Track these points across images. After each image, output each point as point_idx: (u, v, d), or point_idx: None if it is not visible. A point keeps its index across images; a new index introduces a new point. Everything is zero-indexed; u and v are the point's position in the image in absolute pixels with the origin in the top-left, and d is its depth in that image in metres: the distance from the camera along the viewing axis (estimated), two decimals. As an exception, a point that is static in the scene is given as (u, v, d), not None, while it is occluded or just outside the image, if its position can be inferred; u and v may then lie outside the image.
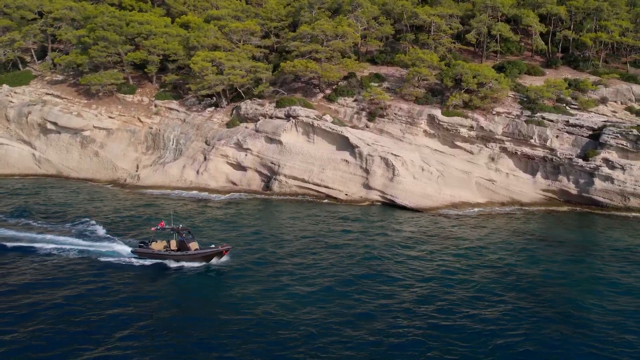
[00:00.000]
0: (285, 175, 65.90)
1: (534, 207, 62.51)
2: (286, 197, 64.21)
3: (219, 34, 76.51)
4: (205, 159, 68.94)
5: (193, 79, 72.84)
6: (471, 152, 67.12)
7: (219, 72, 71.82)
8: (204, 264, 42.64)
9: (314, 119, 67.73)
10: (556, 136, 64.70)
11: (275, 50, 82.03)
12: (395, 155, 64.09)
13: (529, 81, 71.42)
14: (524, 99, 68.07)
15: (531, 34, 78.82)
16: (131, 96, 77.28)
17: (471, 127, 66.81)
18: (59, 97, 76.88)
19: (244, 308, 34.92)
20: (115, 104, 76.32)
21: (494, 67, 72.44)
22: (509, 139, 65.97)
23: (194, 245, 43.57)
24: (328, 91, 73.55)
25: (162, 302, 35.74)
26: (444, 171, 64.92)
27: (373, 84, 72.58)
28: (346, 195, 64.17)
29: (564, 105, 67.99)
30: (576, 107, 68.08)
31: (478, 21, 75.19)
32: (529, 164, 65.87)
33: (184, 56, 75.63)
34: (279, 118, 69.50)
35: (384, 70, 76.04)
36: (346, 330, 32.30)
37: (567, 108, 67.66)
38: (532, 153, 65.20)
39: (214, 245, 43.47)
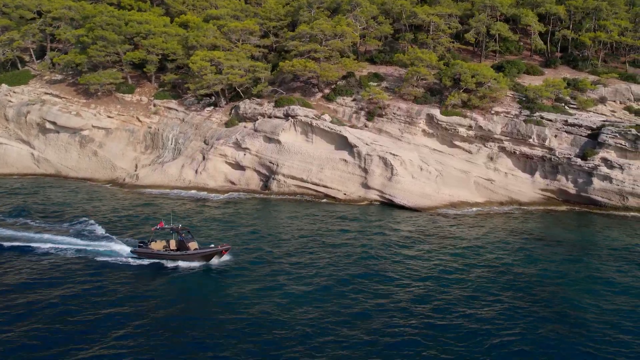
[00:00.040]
0: (284, 175, 65.90)
1: (532, 206, 62.43)
2: (285, 197, 64.19)
3: (218, 33, 76.50)
4: (204, 158, 68.95)
5: (192, 78, 72.84)
6: (470, 152, 67.05)
7: (218, 71, 71.79)
8: (204, 263, 42.58)
9: (313, 118, 67.70)
10: (555, 136, 64.63)
11: (274, 50, 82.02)
12: (394, 154, 64.05)
13: (527, 81, 71.33)
14: (523, 98, 67.98)
15: (530, 34, 78.75)
16: (130, 96, 77.28)
17: (470, 127, 66.78)
18: (57, 96, 76.92)
19: (240, 307, 34.90)
20: (114, 104, 76.35)
21: (492, 66, 72.33)
22: (508, 138, 65.92)
23: (193, 245, 43.49)
24: (327, 91, 73.53)
25: (158, 301, 35.71)
26: (442, 171, 64.85)
27: (372, 83, 72.54)
28: (345, 194, 64.13)
29: (563, 104, 67.90)
30: (575, 106, 67.99)
31: (477, 21, 75.10)
32: (528, 164, 65.80)
33: (182, 56, 75.63)
34: (277, 117, 69.49)
35: (382, 69, 75.99)
36: (342, 329, 32.27)
37: (566, 107, 67.57)
38: (530, 152, 65.14)
39: (213, 245, 43.40)
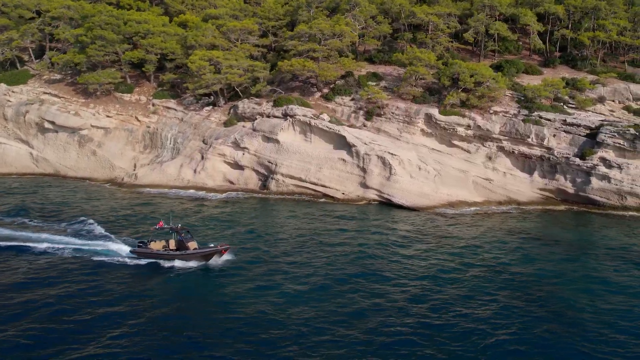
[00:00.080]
0: (283, 174, 65.89)
1: (531, 206, 62.41)
2: (283, 196, 64.17)
3: (217, 33, 76.47)
4: (203, 158, 68.95)
5: (191, 78, 72.83)
6: (468, 151, 67.04)
7: (217, 71, 71.78)
8: (203, 263, 42.54)
9: (311, 117, 67.68)
10: (553, 135, 64.59)
11: (273, 49, 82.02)
12: (392, 154, 64.03)
13: (526, 80, 71.31)
14: (522, 98, 67.94)
15: (529, 33, 78.70)
16: (129, 95, 77.26)
17: (468, 126, 66.76)
18: (56, 96, 76.93)
19: (236, 307, 34.89)
20: (113, 103, 76.36)
21: (491, 66, 72.32)
22: (506, 138, 65.89)
23: (192, 245, 43.43)
24: (325, 90, 73.52)
25: (154, 300, 35.71)
26: (441, 170, 64.82)
27: (370, 83, 72.54)
28: (343, 194, 64.11)
29: (562, 104, 67.85)
30: (574, 106, 67.93)
31: (476, 20, 75.06)
32: (526, 163, 65.76)
33: (181, 55, 75.63)
34: (276, 117, 69.47)
35: (381, 69, 75.98)
36: (338, 329, 32.26)
37: (565, 107, 67.52)
38: (529, 152, 65.10)
39: (212, 245, 43.35)
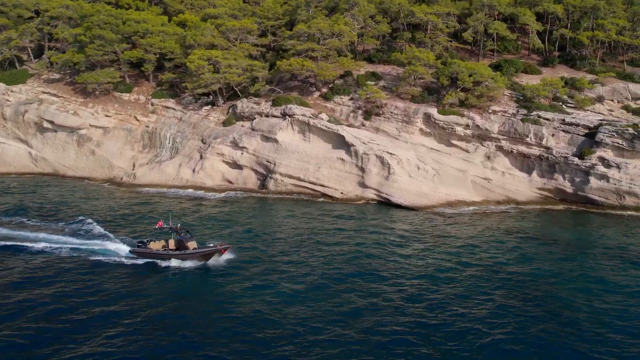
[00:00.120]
0: (281, 174, 65.89)
1: (529, 205, 62.38)
2: (282, 196, 64.18)
3: (216, 32, 76.51)
4: (202, 157, 68.98)
5: (189, 77, 72.88)
6: (467, 151, 67.01)
7: (216, 70, 71.83)
8: (202, 263, 42.48)
9: (310, 117, 67.67)
10: (552, 135, 64.55)
11: (272, 49, 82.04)
12: (391, 153, 64.02)
13: (525, 80, 71.26)
14: (520, 97, 67.89)
15: (528, 33, 78.54)
16: (128, 95, 77.34)
17: (467, 126, 66.73)
18: (55, 95, 77.07)
19: (233, 306, 34.88)
20: (112, 103, 76.41)
21: (490, 65, 72.24)
22: (505, 137, 65.85)
23: (192, 245, 43.35)
24: (324, 90, 73.51)
25: (150, 300, 35.69)
26: (439, 170, 64.81)
27: (369, 82, 72.52)
28: (342, 193, 64.11)
29: (560, 103, 67.78)
30: (572, 105, 67.87)
31: (475, 20, 75.02)
32: (525, 163, 65.73)
33: (180, 55, 75.68)
34: (275, 117, 69.48)
35: (380, 68, 75.97)
36: (334, 328, 32.24)
37: (564, 107, 67.45)
38: (528, 152, 65.06)
39: (212, 244, 43.33)
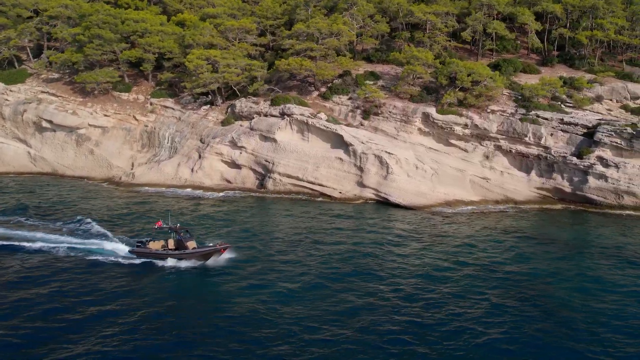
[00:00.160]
0: (280, 173, 65.89)
1: (528, 205, 62.36)
2: (280, 195, 64.17)
3: (215, 32, 76.48)
4: (200, 157, 69.00)
5: (188, 77, 72.90)
6: (465, 150, 66.99)
7: (214, 70, 71.83)
8: (202, 262, 42.47)
9: (309, 117, 67.67)
10: (550, 134, 64.51)
11: (271, 49, 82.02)
12: (390, 153, 64.00)
13: (524, 79, 71.21)
14: (519, 97, 67.86)
15: (527, 32, 78.47)
16: (127, 94, 77.37)
17: (466, 125, 66.71)
18: (54, 95, 77.10)
19: (229, 306, 34.90)
20: (111, 102, 76.43)
21: (489, 65, 72.15)
22: (504, 137, 65.82)
23: (192, 244, 43.34)
24: (323, 89, 73.50)
25: (146, 299, 35.70)
26: (438, 169, 64.80)
27: (368, 82, 72.47)
28: (340, 193, 64.11)
29: (559, 103, 67.73)
30: (571, 105, 67.83)
31: (474, 19, 74.97)
32: (524, 162, 65.69)
33: (179, 54, 75.69)
34: (273, 116, 69.47)
35: (379, 68, 75.93)
36: (330, 328, 32.24)
37: (562, 106, 67.41)
38: (526, 151, 65.04)
39: (212, 244, 43.32)
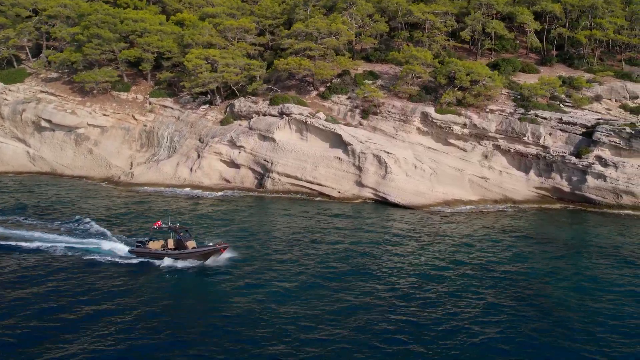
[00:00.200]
0: (279, 173, 65.90)
1: (526, 204, 62.32)
2: (279, 195, 64.16)
3: (214, 31, 76.47)
4: (199, 156, 69.01)
5: (187, 76, 72.92)
6: (464, 150, 66.97)
7: (213, 69, 71.84)
8: (201, 262, 42.42)
9: (308, 116, 67.66)
10: (549, 134, 64.47)
11: (270, 48, 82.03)
12: (388, 152, 63.98)
13: (523, 79, 71.18)
14: (518, 96, 67.84)
15: (526, 32, 78.50)
16: (125, 94, 77.38)
17: (464, 125, 66.68)
18: (53, 94, 77.12)
19: (225, 305, 34.86)
20: (110, 102, 76.44)
21: (488, 64, 72.08)
22: (502, 136, 65.79)
23: (191, 244, 43.26)
24: (322, 89, 73.49)
25: (142, 299, 35.65)
26: (436, 169, 64.78)
27: (367, 81, 72.46)
28: (339, 192, 64.10)
29: (558, 102, 67.69)
30: (570, 104, 67.81)
31: (472, 19, 74.96)
32: (522, 162, 65.66)
33: (178, 54, 75.67)
34: (272, 116, 69.47)
35: (378, 67, 75.90)
36: (326, 327, 32.18)
37: (561, 106, 67.37)
38: (525, 151, 65.01)
39: (211, 244, 43.27)
